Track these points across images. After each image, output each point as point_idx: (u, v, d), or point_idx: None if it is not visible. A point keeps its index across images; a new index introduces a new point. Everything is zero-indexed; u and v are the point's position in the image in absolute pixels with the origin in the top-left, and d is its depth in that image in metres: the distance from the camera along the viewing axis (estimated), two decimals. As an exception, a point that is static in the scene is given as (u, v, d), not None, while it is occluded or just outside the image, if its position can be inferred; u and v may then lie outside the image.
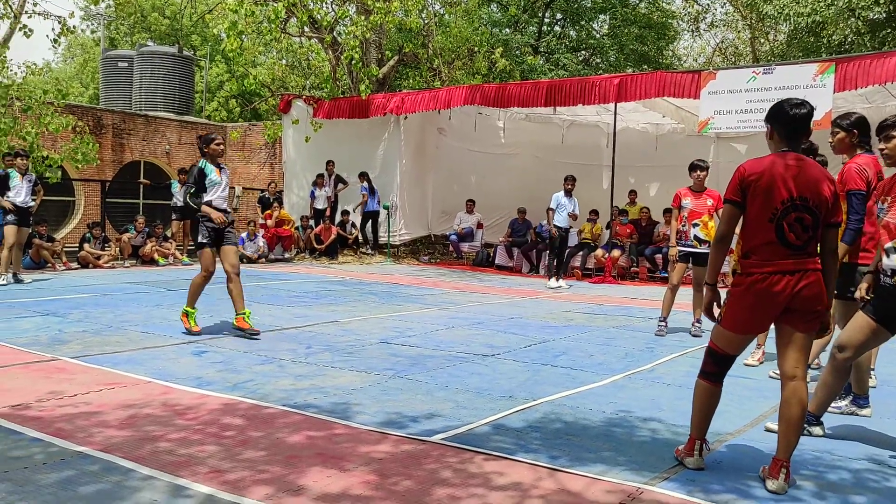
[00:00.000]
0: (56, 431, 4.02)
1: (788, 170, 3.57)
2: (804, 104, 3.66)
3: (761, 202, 3.57)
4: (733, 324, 3.71)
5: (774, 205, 3.55)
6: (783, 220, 3.55)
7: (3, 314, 7.89)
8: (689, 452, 3.81)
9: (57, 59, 46.70)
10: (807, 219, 3.56)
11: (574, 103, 14.51)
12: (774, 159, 3.63)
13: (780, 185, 3.55)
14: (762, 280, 3.58)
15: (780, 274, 3.56)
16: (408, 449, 3.93)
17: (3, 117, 13.21)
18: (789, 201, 3.54)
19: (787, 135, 3.66)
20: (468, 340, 7.23)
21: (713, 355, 3.83)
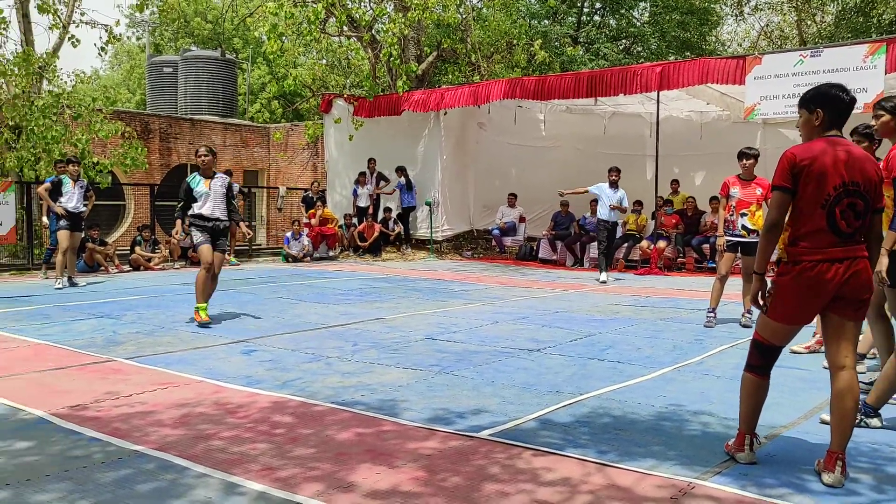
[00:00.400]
0: (113, 431, 4.13)
1: (839, 154, 3.49)
2: (848, 90, 3.63)
3: (813, 188, 3.48)
4: (780, 314, 3.62)
5: (827, 191, 3.47)
6: (835, 206, 3.47)
7: (60, 317, 8.13)
8: (739, 447, 3.75)
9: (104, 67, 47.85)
10: (859, 204, 3.49)
11: (615, 93, 14.35)
12: (824, 144, 3.54)
13: (832, 171, 3.46)
14: (811, 268, 3.49)
15: (830, 262, 3.48)
16: (455, 445, 3.94)
17: (55, 125, 13.57)
18: (841, 187, 3.46)
19: (835, 119, 3.59)
20: (513, 335, 7.22)
21: (759, 347, 3.76)
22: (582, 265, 15.12)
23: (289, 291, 10.70)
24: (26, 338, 6.87)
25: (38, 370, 5.60)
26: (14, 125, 13.74)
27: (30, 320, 7.90)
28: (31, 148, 13.45)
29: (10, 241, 13.71)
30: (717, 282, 7.82)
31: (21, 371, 5.57)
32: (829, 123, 3.59)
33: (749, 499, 3.27)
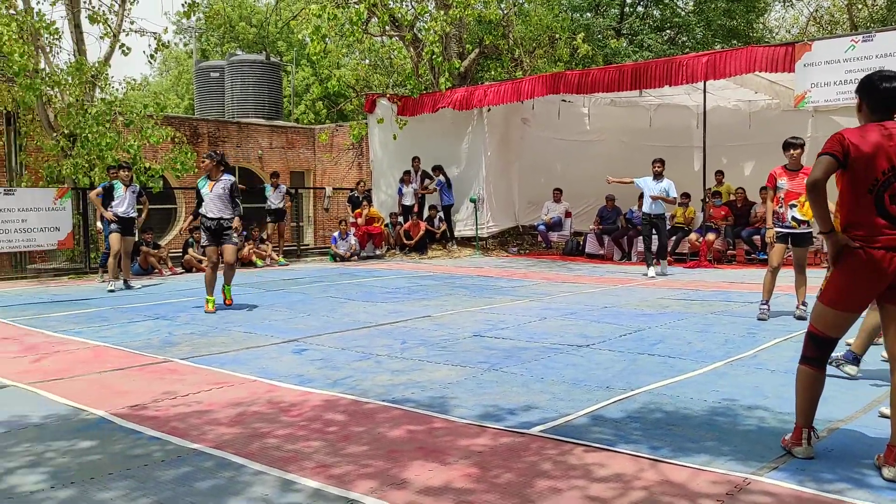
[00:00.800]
0: (171, 430, 4.24)
1: (887, 139, 3.46)
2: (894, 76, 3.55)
3: (861, 173, 3.47)
4: (834, 300, 3.60)
5: (875, 175, 3.45)
6: (884, 191, 3.44)
7: (118, 319, 8.36)
8: (797, 442, 3.68)
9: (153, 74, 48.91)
10: None
11: (661, 85, 14.15)
12: (872, 129, 3.51)
13: (880, 155, 3.44)
14: (864, 254, 3.46)
15: (885, 249, 3.43)
16: (507, 442, 3.95)
17: (109, 132, 13.93)
18: (890, 171, 3.44)
19: (877, 108, 3.57)
20: (561, 331, 7.19)
21: (814, 339, 3.71)
22: (629, 259, 14.97)
23: (337, 290, 10.82)
24: (86, 340, 7.08)
25: (99, 371, 5.77)
26: (69, 133, 14.14)
27: (88, 323, 8.14)
28: (85, 155, 13.83)
29: (67, 246, 14.14)
30: (768, 274, 7.67)
31: (82, 372, 5.74)
32: (872, 111, 3.58)
33: (807, 494, 3.21)
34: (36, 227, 13.47)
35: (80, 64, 14.18)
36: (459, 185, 17.76)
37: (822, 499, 3.17)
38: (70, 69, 14.13)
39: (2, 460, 3.77)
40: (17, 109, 14.91)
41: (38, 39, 14.16)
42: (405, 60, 20.68)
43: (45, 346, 6.84)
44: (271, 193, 16.20)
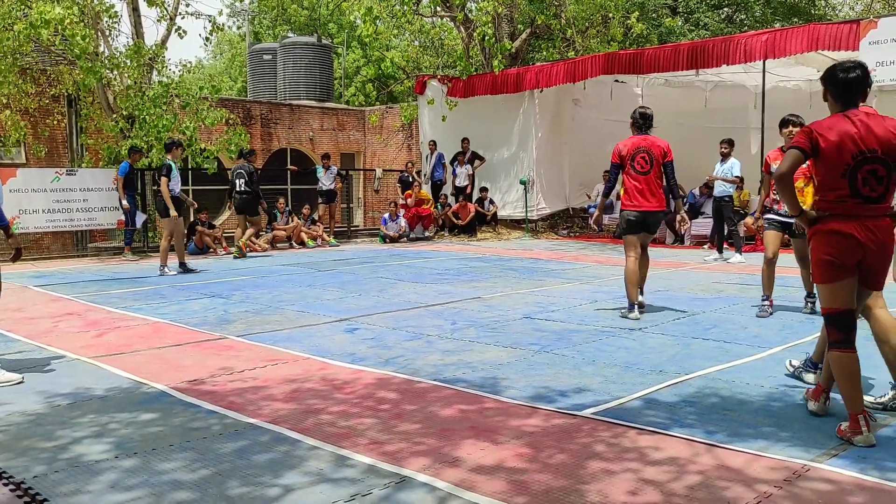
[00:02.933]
0: (229, 404, 4.33)
1: (853, 127, 3.70)
2: (855, 67, 3.81)
3: (834, 158, 3.70)
4: (824, 275, 3.80)
5: (846, 160, 3.69)
6: (857, 173, 3.68)
7: (175, 297, 8.57)
8: (855, 430, 3.60)
9: (207, 56, 49.66)
10: (880, 170, 3.69)
11: (718, 64, 13.84)
12: (839, 119, 3.77)
13: (849, 142, 3.68)
14: (839, 225, 3.72)
15: (856, 222, 3.69)
16: (559, 423, 3.94)
17: (165, 114, 14.21)
18: (859, 155, 3.67)
19: (840, 97, 3.82)
20: (613, 314, 7.12)
21: (829, 319, 3.82)
22: (682, 243, 14.72)
23: (387, 271, 10.90)
24: (146, 316, 7.27)
25: (158, 347, 5.93)
26: (128, 115, 14.47)
27: (147, 300, 8.36)
28: (143, 136, 14.14)
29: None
30: (765, 266, 7.00)
31: (142, 347, 5.91)
32: (836, 100, 3.84)
33: (870, 483, 3.14)
34: (97, 206, 13.87)
35: (138, 47, 14.46)
36: (509, 167, 17.68)
37: (885, 487, 3.09)
38: (129, 52, 14.43)
39: (68, 430, 3.90)
40: (78, 92, 15.30)
41: (98, 23, 14.48)
42: (456, 41, 20.59)
43: (107, 321, 7.05)
44: (322, 175, 16.36)
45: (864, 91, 3.84)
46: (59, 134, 16.53)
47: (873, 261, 3.74)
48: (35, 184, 13.21)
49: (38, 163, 15.71)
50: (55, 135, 16.43)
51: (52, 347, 5.88)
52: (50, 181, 13.43)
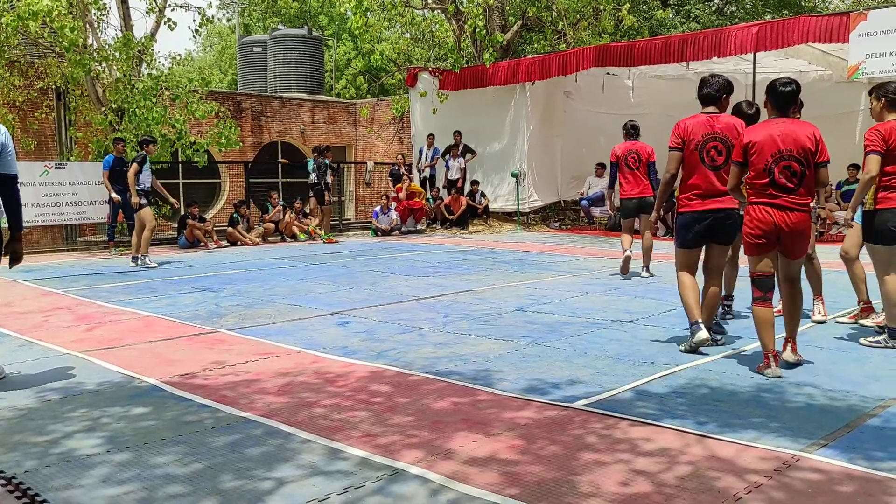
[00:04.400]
0: (221, 398, 4.33)
1: (777, 130, 4.71)
2: (791, 83, 4.76)
3: (758, 155, 4.72)
4: (750, 249, 4.88)
5: (766, 158, 4.70)
6: (775, 167, 4.68)
7: (166, 290, 8.54)
8: (766, 365, 4.65)
9: (197, 49, 49.39)
10: (794, 166, 4.67)
11: (708, 56, 13.86)
12: (769, 123, 4.79)
13: (771, 143, 4.69)
14: (761, 211, 4.75)
15: (773, 207, 4.72)
16: (551, 415, 3.95)
17: (155, 107, 14.13)
18: (777, 153, 4.68)
19: (776, 106, 4.81)
20: (605, 307, 7.14)
21: (754, 280, 4.96)
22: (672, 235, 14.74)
23: (379, 264, 10.89)
24: (136, 310, 7.25)
25: (149, 341, 5.92)
26: (117, 108, 14.38)
27: (138, 294, 8.33)
28: (133, 129, 14.06)
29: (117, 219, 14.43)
30: None
31: (134, 342, 5.89)
32: (772, 108, 4.83)
33: (858, 472, 3.16)
34: (86, 200, 13.80)
35: (127, 39, 14.37)
36: (501, 160, 17.67)
37: (874, 476, 3.12)
38: (117, 44, 14.33)
39: (60, 425, 3.89)
40: (67, 85, 15.20)
41: (86, 15, 14.37)
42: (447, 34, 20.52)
43: (98, 315, 7.03)
44: (313, 168, 16.30)
45: (796, 102, 4.92)
46: (48, 127, 16.41)
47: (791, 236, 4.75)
48: (24, 177, 13.03)
49: (26, 156, 15.59)
50: (44, 128, 16.31)
51: (42, 342, 5.86)
52: (39, 175, 13.36)
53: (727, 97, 5.46)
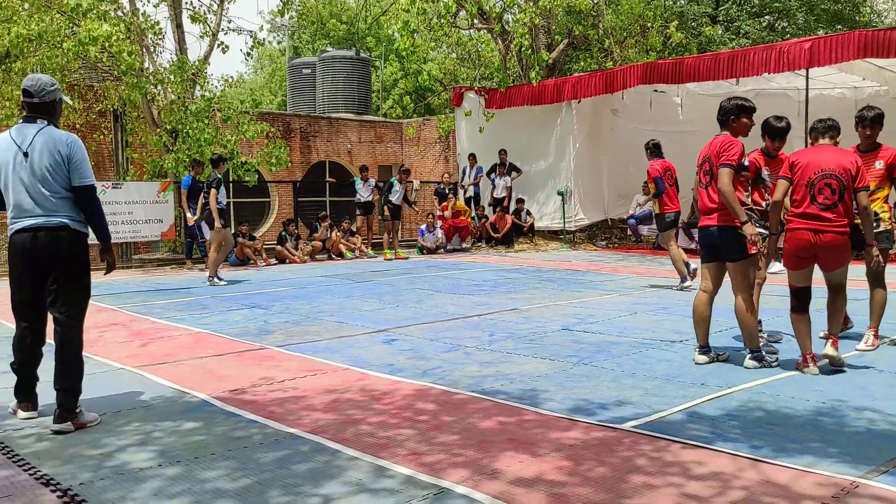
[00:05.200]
0: (269, 414, 4.37)
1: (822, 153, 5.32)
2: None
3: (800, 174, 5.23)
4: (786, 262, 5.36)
5: (809, 174, 5.18)
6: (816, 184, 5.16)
7: (217, 307, 8.68)
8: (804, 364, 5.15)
9: (248, 71, 50.47)
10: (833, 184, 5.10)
11: (759, 73, 13.64)
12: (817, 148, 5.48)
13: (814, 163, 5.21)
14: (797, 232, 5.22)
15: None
16: (599, 436, 3.90)
17: (207, 128, 14.47)
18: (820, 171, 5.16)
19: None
20: (653, 326, 7.04)
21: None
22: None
23: (425, 282, 10.92)
24: (188, 327, 7.39)
25: (200, 356, 6.02)
26: (171, 129, 14.76)
27: (190, 310, 8.49)
28: (185, 150, 14.41)
29: (169, 237, 14.79)
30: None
31: (185, 357, 6.00)
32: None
33: (922, 501, 3.04)
34: (141, 219, 14.15)
35: (181, 62, 14.77)
36: (547, 178, 17.61)
37: (939, 506, 3.00)
38: (172, 67, 14.74)
39: (114, 438, 3.98)
40: (124, 107, 15.67)
41: (143, 39, 14.83)
42: (493, 53, 20.63)
43: (151, 331, 7.18)
44: (361, 187, 16.46)
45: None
46: (105, 148, 16.92)
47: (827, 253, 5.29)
48: (82, 197, 13.50)
49: (85, 176, 16.07)
50: (101, 149, 16.82)
51: (98, 357, 6.00)
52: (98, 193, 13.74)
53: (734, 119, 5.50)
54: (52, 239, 4.23)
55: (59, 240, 4.24)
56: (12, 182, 4.24)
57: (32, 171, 4.22)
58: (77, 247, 4.33)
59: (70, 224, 4.29)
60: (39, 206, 4.23)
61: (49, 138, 4.26)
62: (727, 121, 5.53)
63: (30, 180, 4.22)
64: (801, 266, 5.29)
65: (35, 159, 4.22)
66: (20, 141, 4.25)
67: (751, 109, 5.49)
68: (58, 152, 4.25)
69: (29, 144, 4.23)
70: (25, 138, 4.25)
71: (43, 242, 4.21)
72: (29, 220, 4.23)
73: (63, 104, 4.53)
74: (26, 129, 4.28)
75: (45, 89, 4.33)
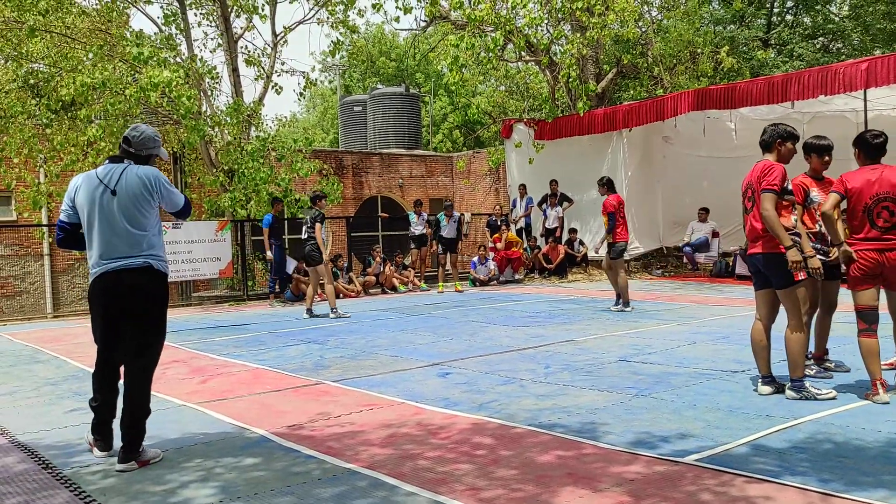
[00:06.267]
0: (327, 449, 4.39)
1: (875, 175, 5.18)
2: (882, 134, 5.27)
3: (856, 199, 5.17)
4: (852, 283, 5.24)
5: (865, 200, 5.14)
6: (873, 210, 5.10)
7: (273, 343, 8.81)
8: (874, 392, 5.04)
9: (301, 110, 51.62)
10: (891, 206, 5.08)
11: (814, 95, 13.36)
12: (865, 170, 5.26)
13: (870, 186, 5.13)
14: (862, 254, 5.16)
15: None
16: (661, 470, 3.81)
17: (262, 167, 14.81)
18: (876, 196, 5.10)
19: (868, 155, 5.29)
20: (714, 356, 6.88)
21: None
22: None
23: (478, 315, 10.90)
24: (245, 363, 7.50)
25: (258, 392, 6.10)
26: (228, 169, 15.16)
27: (247, 346, 8.63)
28: (241, 189, 14.77)
29: (227, 275, 15.09)
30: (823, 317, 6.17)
31: (243, 393, 6.08)
32: (865, 157, 5.31)
33: None
34: (200, 257, 14.49)
35: (237, 104, 15.20)
36: (599, 207, 17.42)
37: None
38: (229, 110, 15.18)
39: (176, 474, 4.04)
40: (183, 149, 16.17)
41: (201, 84, 15.33)
42: (541, 84, 20.71)
43: (210, 368, 7.31)
44: (415, 221, 16.59)
45: (884, 151, 5.27)
46: (166, 189, 17.44)
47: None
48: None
49: (146, 217, 16.58)
50: (162, 190, 17.33)
51: (160, 394, 6.12)
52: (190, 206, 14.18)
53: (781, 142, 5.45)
54: (136, 279, 4.29)
55: (141, 280, 4.30)
56: (98, 220, 4.29)
57: (121, 209, 4.27)
58: (159, 288, 4.40)
59: (154, 264, 4.36)
60: (124, 245, 4.28)
61: (134, 174, 4.32)
62: (773, 143, 5.45)
63: (117, 219, 4.27)
64: (868, 285, 5.21)
65: (124, 196, 4.28)
66: (108, 180, 4.30)
67: (797, 137, 5.51)
68: (144, 185, 4.31)
69: (117, 182, 4.29)
70: (114, 177, 4.31)
71: (126, 283, 4.28)
72: (113, 262, 4.28)
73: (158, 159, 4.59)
74: (113, 169, 4.35)
75: (145, 145, 4.44)
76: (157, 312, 4.41)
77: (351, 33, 18.05)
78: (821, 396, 5.13)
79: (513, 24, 16.34)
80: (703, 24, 23.81)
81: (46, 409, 5.74)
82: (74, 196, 4.38)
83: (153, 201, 4.37)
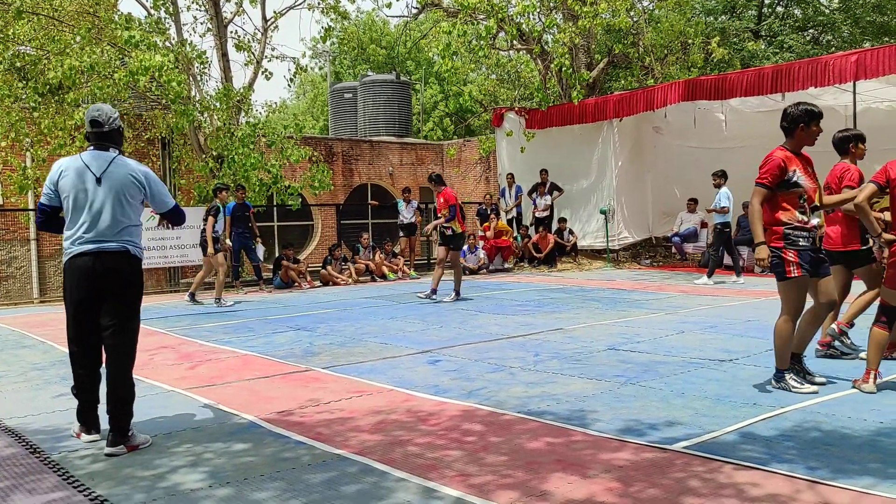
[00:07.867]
0: (316, 435, 4.39)
1: None
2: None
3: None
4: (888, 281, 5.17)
5: None
6: None
7: (263, 330, 8.79)
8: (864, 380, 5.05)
9: (291, 97, 51.38)
10: None
11: (804, 87, 13.42)
12: None
13: None
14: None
15: None
16: (649, 457, 3.83)
17: (252, 153, 14.74)
18: None
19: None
20: (702, 345, 6.92)
21: None
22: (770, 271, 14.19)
23: (468, 303, 10.91)
24: (235, 349, 7.48)
25: (248, 378, 6.08)
26: (217, 155, 15.07)
27: (236, 333, 8.60)
28: (231, 175, 14.68)
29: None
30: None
31: (232, 379, 6.07)
32: None
33: None
34: (188, 243, 14.41)
35: (227, 90, 15.10)
36: (589, 197, 17.54)
37: None
38: (218, 95, 15.08)
39: (166, 459, 4.03)
40: (171, 135, 16.06)
41: (190, 69, 15.21)
42: (533, 73, 20.68)
43: (199, 354, 7.29)
44: (404, 208, 16.59)
45: None
46: (154, 175, 17.34)
47: None
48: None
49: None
50: (150, 176, 17.23)
51: (148, 380, 6.11)
52: (146, 220, 14.06)
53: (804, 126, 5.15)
54: (114, 262, 4.33)
55: (119, 263, 4.34)
56: (81, 205, 4.32)
57: (105, 197, 4.32)
58: (134, 271, 4.44)
59: (130, 249, 4.41)
60: (105, 231, 4.33)
61: (125, 168, 4.41)
62: (795, 129, 5.16)
63: (101, 206, 4.31)
64: None
65: (109, 187, 4.33)
66: (95, 168, 4.35)
67: (820, 115, 5.17)
68: (133, 183, 4.41)
69: (104, 171, 4.34)
70: (101, 166, 4.36)
71: (104, 265, 4.31)
72: (91, 244, 4.32)
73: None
74: (100, 157, 4.39)
75: (111, 117, 4.48)
76: (133, 295, 4.44)
77: (342, 19, 17.95)
78: (797, 390, 5.02)
79: (505, 13, 16.29)
80: (694, 14, 23.83)
81: (34, 394, 5.71)
82: (58, 179, 4.38)
83: (139, 196, 4.45)
